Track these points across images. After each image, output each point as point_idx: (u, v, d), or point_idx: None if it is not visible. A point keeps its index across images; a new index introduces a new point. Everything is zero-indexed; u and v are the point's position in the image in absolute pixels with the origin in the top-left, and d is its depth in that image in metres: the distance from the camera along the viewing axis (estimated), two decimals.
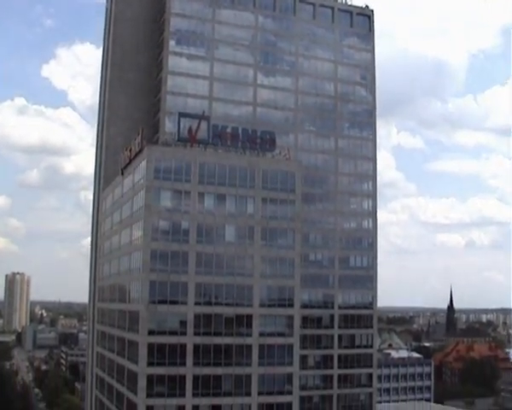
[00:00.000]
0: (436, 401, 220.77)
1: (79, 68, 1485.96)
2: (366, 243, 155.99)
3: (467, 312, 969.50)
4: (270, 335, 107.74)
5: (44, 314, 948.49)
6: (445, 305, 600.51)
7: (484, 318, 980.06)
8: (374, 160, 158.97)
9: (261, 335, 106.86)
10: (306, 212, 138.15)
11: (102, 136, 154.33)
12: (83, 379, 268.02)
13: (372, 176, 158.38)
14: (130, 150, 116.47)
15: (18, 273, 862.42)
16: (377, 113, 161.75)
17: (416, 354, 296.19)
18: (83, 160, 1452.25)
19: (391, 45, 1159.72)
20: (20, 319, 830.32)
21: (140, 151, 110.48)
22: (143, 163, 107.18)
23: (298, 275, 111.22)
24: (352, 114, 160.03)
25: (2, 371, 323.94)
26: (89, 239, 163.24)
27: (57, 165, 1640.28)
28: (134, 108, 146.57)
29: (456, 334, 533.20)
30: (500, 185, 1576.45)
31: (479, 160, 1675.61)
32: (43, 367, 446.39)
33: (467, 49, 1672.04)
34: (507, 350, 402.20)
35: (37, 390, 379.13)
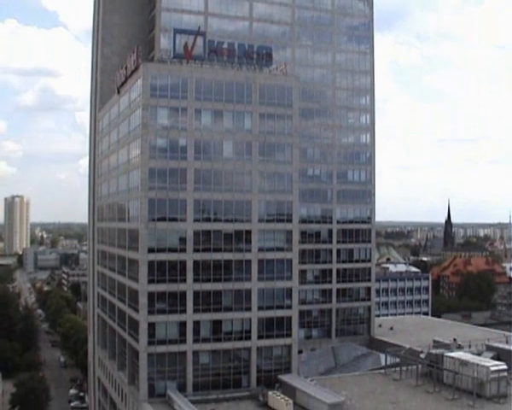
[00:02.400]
0: (433, 315, 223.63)
1: None
2: (364, 157, 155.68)
3: (464, 226, 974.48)
4: (269, 250, 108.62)
5: (45, 236, 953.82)
6: (442, 219, 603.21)
7: (481, 232, 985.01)
8: (371, 74, 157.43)
9: (260, 250, 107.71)
10: (304, 127, 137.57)
11: (97, 55, 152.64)
12: (84, 299, 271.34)
13: (370, 90, 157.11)
14: (126, 69, 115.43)
15: (17, 196, 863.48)
16: (374, 27, 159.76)
17: (413, 268, 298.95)
18: (78, 80, 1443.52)
19: None
20: (21, 242, 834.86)
21: (136, 69, 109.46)
22: (139, 81, 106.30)
23: (296, 190, 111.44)
24: (350, 27, 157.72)
25: (5, 294, 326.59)
26: (86, 159, 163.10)
27: (52, 86, 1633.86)
28: (128, 27, 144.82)
29: (454, 248, 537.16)
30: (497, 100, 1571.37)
31: (473, 74, 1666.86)
32: (45, 288, 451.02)
33: None
34: (504, 264, 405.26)
35: (39, 311, 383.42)
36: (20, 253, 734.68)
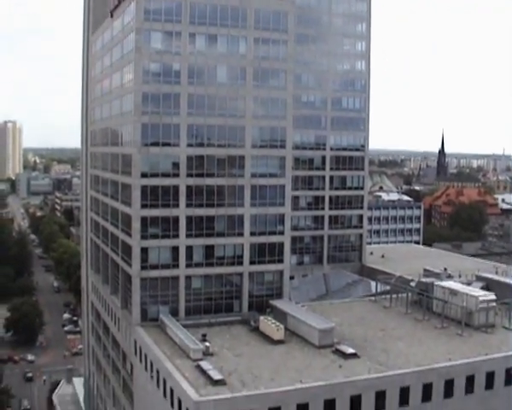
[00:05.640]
0: (425, 244, 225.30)
1: None
2: (359, 84, 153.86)
3: (458, 156, 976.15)
4: (262, 176, 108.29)
5: (38, 161, 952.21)
6: (436, 149, 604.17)
7: (474, 163, 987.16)
8: (368, 0, 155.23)
9: (253, 176, 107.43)
10: (299, 52, 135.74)
11: None
12: (78, 224, 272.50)
13: (366, 17, 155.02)
14: None
15: (9, 121, 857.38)
16: None
17: (406, 197, 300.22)
18: (70, 3, 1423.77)
19: None
20: (14, 167, 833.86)
21: None
22: (133, 4, 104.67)
23: (290, 116, 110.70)
24: None
25: None
26: (79, 84, 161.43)
27: (43, 11, 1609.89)
28: None
29: (447, 178, 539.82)
30: None
31: None
32: (38, 214, 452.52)
33: None
34: (496, 196, 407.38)
35: (33, 236, 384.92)
36: (13, 178, 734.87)
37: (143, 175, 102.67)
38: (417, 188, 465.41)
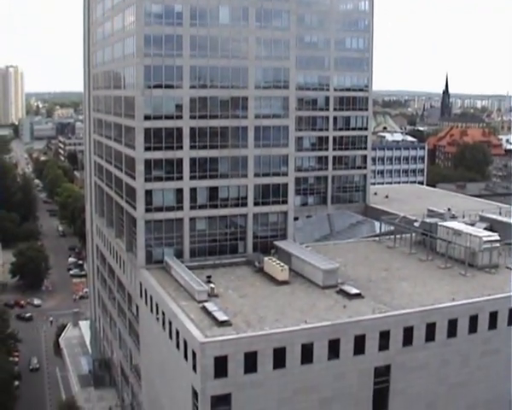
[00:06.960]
0: (428, 184, 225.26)
1: None
2: (362, 24, 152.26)
3: (462, 97, 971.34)
4: (266, 117, 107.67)
5: (40, 106, 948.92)
6: (440, 89, 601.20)
7: (479, 104, 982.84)
8: None
9: (257, 117, 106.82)
10: None
11: None
12: (81, 167, 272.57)
13: None
14: None
15: (11, 66, 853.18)
16: None
17: (410, 138, 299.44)
18: None
19: None
20: (17, 112, 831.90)
21: None
22: None
23: (293, 57, 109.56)
24: None
25: (2, 165, 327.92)
26: (81, 27, 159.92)
27: None
28: None
29: (451, 119, 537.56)
30: None
31: None
32: (42, 158, 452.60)
33: None
34: (500, 137, 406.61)
35: (37, 181, 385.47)
36: (16, 123, 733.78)
37: (146, 117, 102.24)
38: (421, 128, 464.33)
